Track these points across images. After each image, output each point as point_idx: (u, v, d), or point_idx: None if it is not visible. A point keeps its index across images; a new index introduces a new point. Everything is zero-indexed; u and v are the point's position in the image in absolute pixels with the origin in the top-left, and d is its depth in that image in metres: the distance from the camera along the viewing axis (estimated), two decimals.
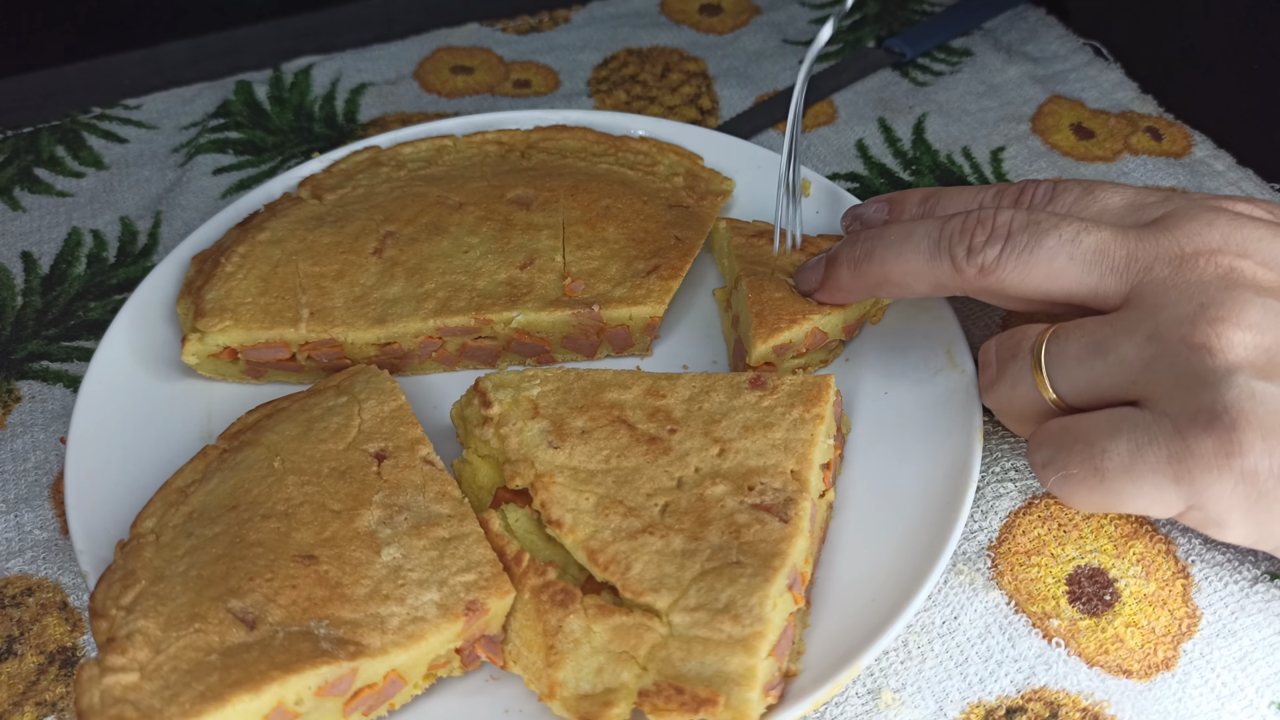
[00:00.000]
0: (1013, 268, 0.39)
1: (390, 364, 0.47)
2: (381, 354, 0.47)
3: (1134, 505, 0.36)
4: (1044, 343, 0.38)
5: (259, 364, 0.47)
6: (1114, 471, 0.35)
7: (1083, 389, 0.37)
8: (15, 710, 0.39)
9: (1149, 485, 0.35)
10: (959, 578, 0.42)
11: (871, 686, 0.39)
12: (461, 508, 0.39)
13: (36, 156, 0.63)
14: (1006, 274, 0.39)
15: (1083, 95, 0.66)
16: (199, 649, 0.34)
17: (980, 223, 0.40)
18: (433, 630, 0.35)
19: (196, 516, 0.39)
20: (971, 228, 0.41)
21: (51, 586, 0.43)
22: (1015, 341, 0.40)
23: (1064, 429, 0.37)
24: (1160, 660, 0.39)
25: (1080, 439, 0.36)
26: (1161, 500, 0.35)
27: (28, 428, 0.49)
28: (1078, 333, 0.38)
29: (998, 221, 0.40)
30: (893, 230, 0.43)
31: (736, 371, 0.46)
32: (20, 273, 0.56)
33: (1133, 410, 0.36)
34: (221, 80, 0.69)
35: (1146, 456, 0.35)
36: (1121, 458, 0.35)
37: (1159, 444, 0.34)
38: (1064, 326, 0.38)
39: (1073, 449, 0.36)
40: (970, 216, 0.41)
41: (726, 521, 0.37)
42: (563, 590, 0.36)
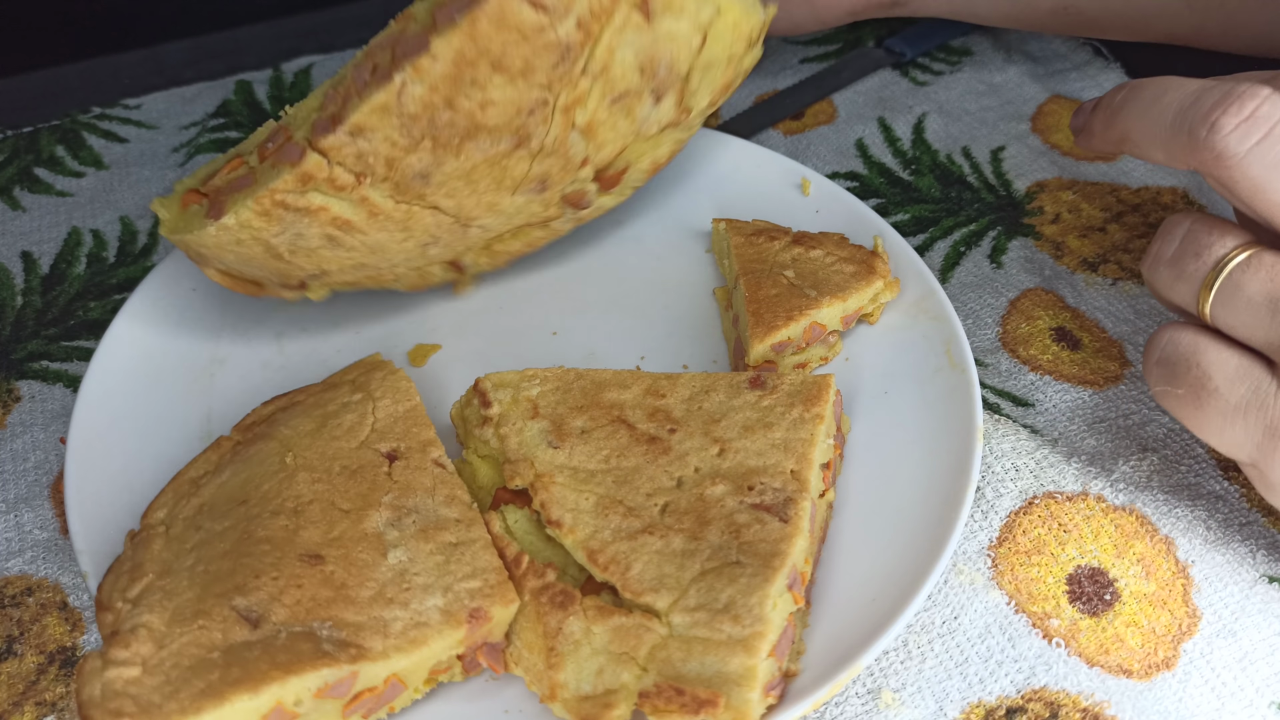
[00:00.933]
0: (1254, 168, 0.34)
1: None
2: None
3: (1207, 438, 0.37)
4: (1230, 263, 0.36)
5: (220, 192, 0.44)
6: (1212, 412, 0.36)
7: (1236, 326, 0.36)
8: (15, 710, 0.39)
9: (1232, 434, 0.36)
10: (959, 578, 0.42)
11: (871, 686, 0.39)
12: (470, 512, 0.39)
13: (36, 156, 0.63)
14: (1242, 173, 0.34)
15: (1083, 95, 0.66)
16: (202, 646, 0.34)
17: (1239, 102, 0.34)
18: (435, 636, 0.35)
19: (207, 509, 0.39)
20: (1225, 105, 0.35)
21: (51, 586, 0.43)
22: (1207, 240, 0.37)
23: (1192, 348, 0.37)
24: (1160, 660, 0.39)
25: (1201, 368, 0.37)
26: (1232, 449, 0.37)
27: (28, 427, 0.49)
28: (1269, 274, 0.35)
29: (1260, 111, 0.34)
30: (1152, 85, 0.38)
31: (736, 371, 0.46)
32: (20, 272, 0.56)
33: (1263, 371, 0.36)
34: (222, 80, 0.69)
35: (1249, 415, 0.35)
36: (1226, 405, 0.36)
37: (1265, 412, 0.35)
38: (1261, 256, 0.36)
39: (1189, 372, 0.37)
40: (1231, 93, 0.35)
41: (726, 521, 0.37)
42: (562, 592, 0.36)
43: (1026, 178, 0.60)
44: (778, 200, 0.55)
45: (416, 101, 0.39)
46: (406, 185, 0.41)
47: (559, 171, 0.44)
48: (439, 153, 0.41)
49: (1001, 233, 0.57)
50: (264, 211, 0.41)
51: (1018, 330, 0.51)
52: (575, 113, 0.42)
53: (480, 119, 0.40)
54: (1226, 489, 0.44)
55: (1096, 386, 0.49)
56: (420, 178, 0.41)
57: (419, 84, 0.39)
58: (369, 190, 0.41)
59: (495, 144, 0.41)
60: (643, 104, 0.44)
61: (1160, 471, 0.45)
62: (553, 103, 0.41)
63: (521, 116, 0.41)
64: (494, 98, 0.40)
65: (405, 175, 0.41)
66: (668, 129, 0.46)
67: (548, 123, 0.42)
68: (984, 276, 0.54)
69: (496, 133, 0.41)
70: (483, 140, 0.41)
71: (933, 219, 0.58)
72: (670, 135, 0.47)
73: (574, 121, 0.42)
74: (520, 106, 0.40)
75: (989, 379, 0.49)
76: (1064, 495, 0.44)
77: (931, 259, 0.56)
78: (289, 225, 0.41)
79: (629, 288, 0.52)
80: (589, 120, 0.43)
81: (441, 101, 0.39)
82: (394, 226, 0.43)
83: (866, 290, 0.47)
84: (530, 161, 0.43)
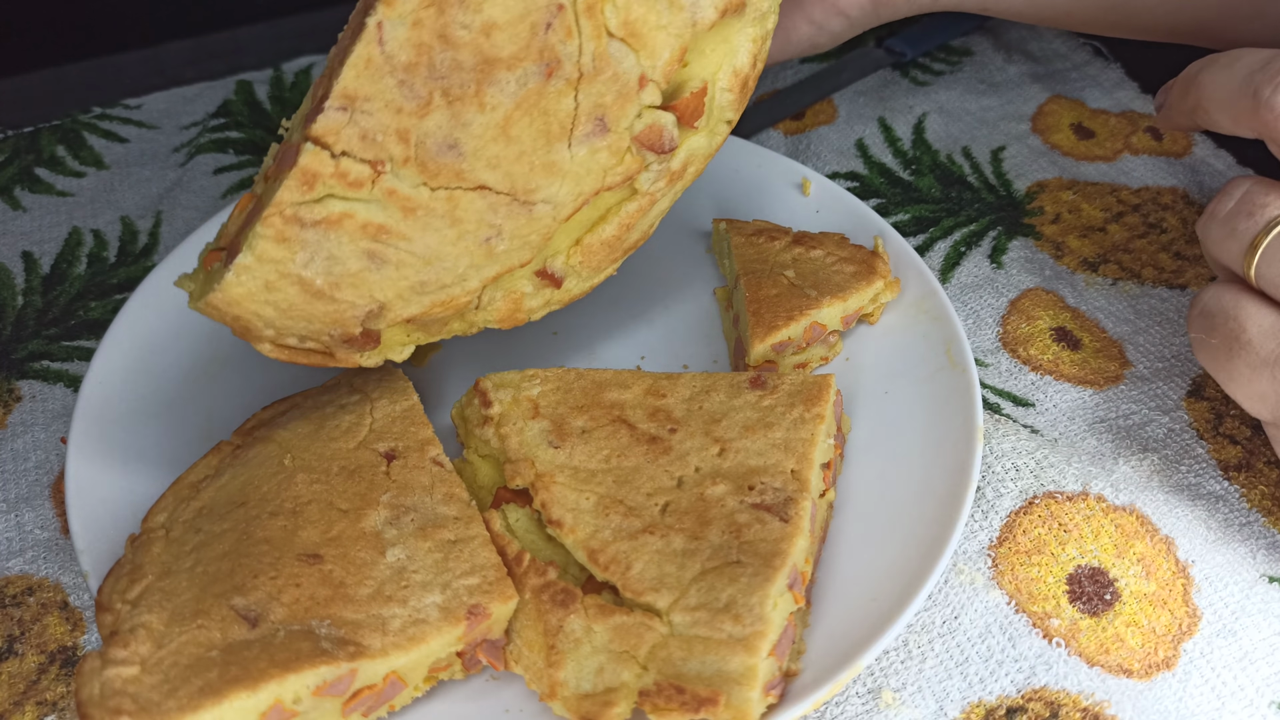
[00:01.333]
0: None
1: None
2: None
3: (1234, 391, 0.39)
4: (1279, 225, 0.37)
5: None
6: (1241, 364, 0.38)
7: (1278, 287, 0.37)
8: (16, 710, 0.39)
9: (1258, 386, 0.37)
10: (959, 577, 0.42)
11: (872, 686, 0.39)
12: (468, 510, 0.39)
13: (37, 156, 0.64)
14: None
15: (1083, 95, 0.66)
16: (200, 645, 0.34)
17: None
18: (434, 633, 0.35)
19: (206, 512, 0.39)
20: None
21: (52, 586, 0.43)
22: (1262, 201, 0.38)
23: (1233, 303, 0.38)
24: (1161, 660, 0.39)
25: (1238, 321, 0.38)
26: (1256, 404, 0.38)
27: (28, 427, 0.49)
28: None
29: None
30: (1227, 54, 0.40)
31: (737, 371, 0.46)
32: (21, 272, 0.57)
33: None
34: (222, 80, 0.69)
35: (1276, 371, 0.37)
36: (1255, 358, 0.37)
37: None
38: None
39: (1226, 324, 0.38)
40: None
41: (727, 521, 0.37)
42: (563, 590, 0.36)
43: (1026, 178, 0.60)
44: (778, 200, 0.55)
45: (403, 45, 0.32)
46: (435, 163, 0.34)
47: (615, 100, 0.36)
48: (458, 108, 0.34)
49: (1002, 233, 0.57)
50: (279, 235, 0.34)
51: (1018, 330, 0.51)
52: (604, 11, 0.35)
53: (489, 49, 0.33)
54: (1226, 489, 0.44)
55: (1096, 386, 0.49)
56: (448, 148, 0.34)
57: (398, 23, 0.32)
58: (392, 180, 0.34)
59: (521, 79, 0.34)
60: None
61: (1160, 471, 0.45)
62: (570, 3, 0.34)
63: (538, 34, 0.33)
64: (494, 16, 0.33)
65: (429, 149, 0.34)
66: (729, 16, 0.37)
67: (574, 34, 0.34)
68: (984, 276, 0.54)
69: (516, 62, 0.34)
70: (503, 77, 0.34)
71: (933, 219, 0.58)
72: (738, 30, 0.38)
73: (607, 25, 0.35)
74: (531, 20, 0.33)
75: (989, 379, 0.49)
76: (1064, 495, 0.44)
77: (932, 259, 0.56)
78: (315, 247, 0.34)
79: (629, 288, 0.52)
80: (624, 18, 0.35)
81: (433, 37, 0.33)
82: (439, 221, 0.35)
83: (867, 290, 0.47)
84: (573, 93, 0.35)
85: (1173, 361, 0.50)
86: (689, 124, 0.38)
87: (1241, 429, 0.47)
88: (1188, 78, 0.42)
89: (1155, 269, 0.54)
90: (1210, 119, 0.41)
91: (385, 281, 0.36)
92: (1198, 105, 0.41)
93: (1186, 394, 0.48)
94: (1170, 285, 0.53)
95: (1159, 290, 0.53)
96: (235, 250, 0.35)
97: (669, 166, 0.38)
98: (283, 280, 0.35)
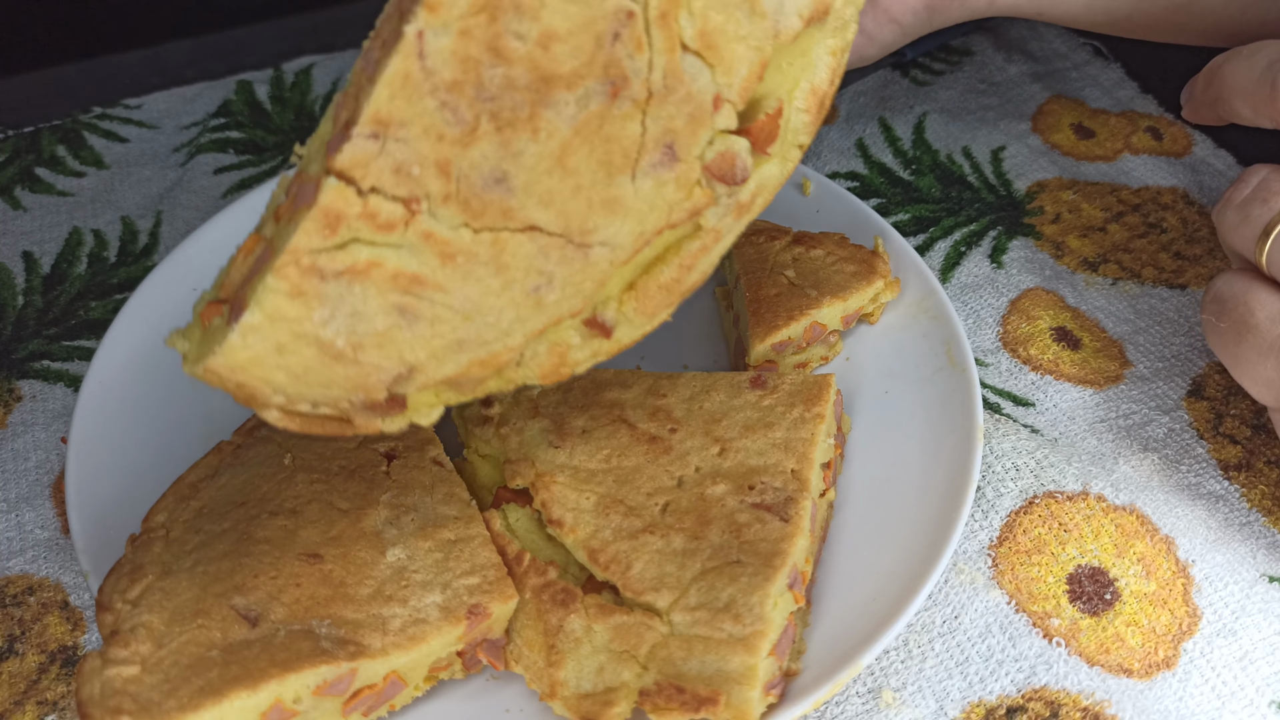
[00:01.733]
0: None
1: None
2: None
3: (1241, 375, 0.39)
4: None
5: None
6: (1248, 347, 0.38)
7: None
8: (16, 709, 0.39)
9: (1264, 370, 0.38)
10: (959, 577, 0.42)
11: (872, 686, 0.39)
12: (469, 510, 0.39)
13: (37, 156, 0.64)
14: None
15: (1083, 94, 0.66)
16: (201, 644, 0.34)
17: None
18: (434, 633, 0.35)
19: (206, 512, 0.39)
20: None
21: (52, 586, 0.43)
22: (1277, 188, 0.39)
23: (1244, 289, 0.39)
24: (1161, 660, 0.39)
25: (1247, 306, 0.38)
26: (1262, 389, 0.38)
27: (28, 427, 0.49)
28: None
29: None
30: (1251, 45, 0.41)
31: (737, 371, 0.46)
32: (21, 272, 0.57)
33: None
34: (222, 80, 0.69)
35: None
36: (1262, 342, 0.37)
37: None
38: None
39: (1235, 309, 0.39)
40: None
41: (727, 521, 0.37)
42: (563, 590, 0.36)
43: (1027, 177, 0.60)
44: (778, 200, 0.55)
45: (447, 58, 0.27)
46: (480, 199, 0.29)
47: (686, 124, 0.31)
48: (508, 134, 0.28)
49: (1002, 233, 0.57)
50: (294, 289, 0.28)
51: (1018, 330, 0.51)
52: (679, 19, 0.30)
53: (546, 64, 0.28)
54: (1226, 489, 0.44)
55: (1096, 386, 0.49)
56: (495, 182, 0.29)
57: (442, 32, 0.27)
58: (429, 221, 0.29)
59: (582, 100, 0.29)
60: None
61: (1160, 471, 0.45)
62: (641, 10, 0.29)
63: (604, 46, 0.29)
64: (554, 24, 0.28)
65: (473, 184, 0.29)
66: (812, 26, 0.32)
67: (644, 45, 0.29)
68: (984, 276, 0.54)
69: (577, 80, 0.29)
70: (562, 98, 0.29)
71: (933, 219, 0.58)
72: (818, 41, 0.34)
73: (681, 37, 0.30)
74: (596, 30, 0.28)
75: (989, 379, 0.49)
76: (1064, 495, 0.44)
77: (932, 259, 0.56)
78: (336, 303, 0.29)
79: None
80: (701, 27, 0.30)
81: (483, 49, 0.28)
82: (483, 269, 0.30)
83: (867, 290, 0.47)
84: (641, 116, 0.30)
85: (1173, 361, 0.50)
86: (761, 150, 0.33)
87: (1241, 429, 0.47)
88: (1211, 69, 0.42)
89: (1155, 269, 0.54)
90: (1232, 110, 0.41)
91: (417, 340, 0.30)
92: (1219, 96, 0.42)
93: (1186, 394, 0.48)
94: (1170, 285, 0.53)
95: (1159, 290, 0.53)
96: (240, 305, 0.29)
97: (738, 199, 0.33)
98: (297, 341, 0.29)
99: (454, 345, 0.31)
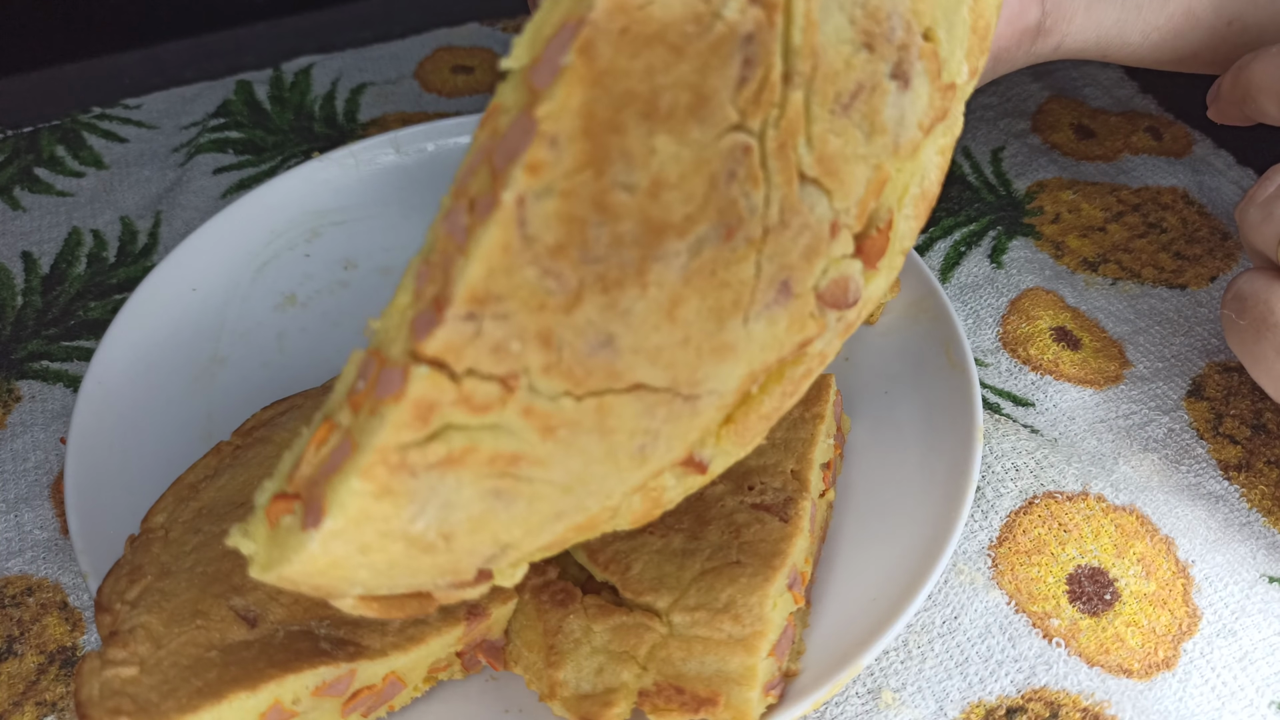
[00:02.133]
0: None
1: None
2: None
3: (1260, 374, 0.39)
4: None
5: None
6: (1267, 345, 0.38)
7: None
8: (15, 710, 0.39)
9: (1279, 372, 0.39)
10: (959, 578, 0.42)
11: (871, 686, 0.39)
12: None
13: (36, 156, 0.64)
14: None
15: (1083, 94, 0.66)
16: (200, 645, 0.34)
17: None
18: (433, 633, 0.35)
19: (206, 513, 0.39)
20: None
21: (52, 586, 0.43)
22: None
23: (1265, 288, 0.39)
24: (1161, 660, 0.39)
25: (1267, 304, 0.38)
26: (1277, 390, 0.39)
27: (28, 427, 0.49)
28: None
29: None
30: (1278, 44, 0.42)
31: None
32: (20, 272, 0.56)
33: None
34: (222, 80, 0.69)
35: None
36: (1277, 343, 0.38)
37: None
38: None
39: (1255, 307, 0.39)
40: None
41: (726, 521, 0.37)
42: (563, 590, 0.36)
43: (1027, 177, 0.60)
44: None
45: (549, 222, 0.24)
46: (584, 365, 0.25)
47: (802, 257, 0.27)
48: (614, 295, 0.25)
49: (1002, 232, 0.57)
50: (382, 489, 0.25)
51: (1018, 330, 0.51)
52: (797, 148, 0.26)
53: (657, 213, 0.25)
54: (1226, 489, 0.44)
55: (1096, 386, 0.49)
56: (602, 346, 0.25)
57: (545, 194, 0.24)
58: (528, 396, 0.25)
59: (695, 247, 0.25)
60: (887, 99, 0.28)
61: (1160, 471, 0.45)
62: (759, 146, 0.26)
63: (718, 186, 0.25)
64: (665, 170, 0.25)
65: (578, 352, 0.25)
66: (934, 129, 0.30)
67: (760, 181, 0.26)
68: (984, 276, 0.54)
69: (689, 226, 0.25)
70: (673, 248, 0.25)
71: (933, 219, 0.58)
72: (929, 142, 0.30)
73: (799, 166, 0.27)
74: (711, 170, 0.25)
75: (989, 379, 0.49)
76: (1064, 495, 0.44)
77: (932, 259, 0.56)
78: (427, 497, 0.26)
79: None
80: (820, 153, 0.27)
81: (589, 207, 0.24)
82: (586, 438, 0.26)
83: None
84: (756, 256, 0.26)
85: (1173, 361, 0.50)
86: (871, 265, 0.30)
87: (1241, 429, 0.47)
88: (1239, 68, 0.42)
89: (1155, 269, 0.54)
90: (1258, 108, 0.42)
91: (514, 521, 0.27)
92: (1247, 95, 0.42)
93: (1186, 394, 0.48)
94: (1170, 285, 0.53)
95: (1159, 290, 0.53)
96: (317, 508, 0.26)
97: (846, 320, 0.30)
98: (384, 540, 0.26)
99: (552, 517, 0.28)
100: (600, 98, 0.24)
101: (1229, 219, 0.57)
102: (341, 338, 0.50)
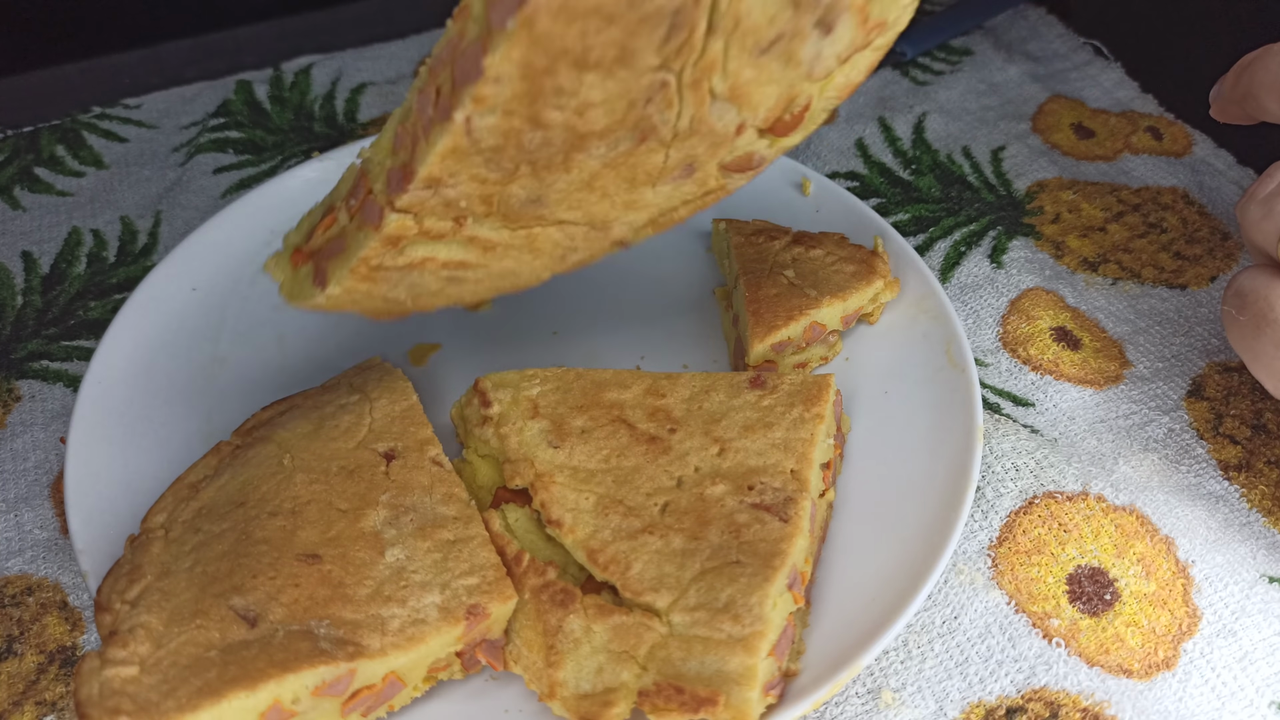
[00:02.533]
0: None
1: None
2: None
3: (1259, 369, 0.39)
4: None
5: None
6: (1267, 341, 0.39)
7: None
8: (15, 710, 0.39)
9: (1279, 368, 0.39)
10: (959, 578, 0.42)
11: (871, 686, 0.39)
12: (468, 510, 0.39)
13: (37, 156, 0.63)
14: None
15: (1083, 94, 0.66)
16: (199, 645, 0.34)
17: None
18: (433, 633, 0.35)
19: (205, 512, 0.39)
20: None
21: (51, 586, 0.43)
22: None
23: (1266, 285, 0.39)
24: (1161, 660, 0.39)
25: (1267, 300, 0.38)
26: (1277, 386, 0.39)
27: (28, 427, 0.49)
28: None
29: None
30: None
31: (736, 371, 0.46)
32: (20, 272, 0.56)
33: None
34: (222, 80, 0.69)
35: None
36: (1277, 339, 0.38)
37: None
38: None
39: (1256, 303, 0.39)
40: None
41: (726, 521, 0.37)
42: (563, 590, 0.36)
43: (1027, 177, 0.60)
44: (778, 200, 0.55)
45: (492, 132, 0.31)
46: (516, 213, 0.34)
47: (707, 150, 0.34)
48: (544, 174, 0.33)
49: (1002, 233, 0.57)
50: (366, 277, 0.35)
51: (1018, 330, 0.51)
52: (711, 82, 0.32)
53: (582, 126, 0.31)
54: (1226, 489, 0.44)
55: (1096, 386, 0.49)
56: (531, 203, 0.34)
57: (488, 114, 0.30)
58: (474, 229, 0.35)
59: (612, 147, 0.33)
60: (806, 43, 0.32)
61: (1160, 471, 0.45)
62: (676, 81, 0.31)
63: (637, 108, 0.31)
64: (592, 98, 0.31)
65: (511, 205, 0.34)
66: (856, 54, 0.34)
67: (674, 105, 0.32)
68: (984, 276, 0.54)
69: (609, 135, 0.32)
70: (594, 147, 0.32)
71: (933, 219, 0.58)
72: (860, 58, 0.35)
73: (712, 91, 0.32)
74: (631, 98, 0.31)
75: (989, 379, 0.49)
76: (1064, 495, 0.44)
77: (931, 259, 0.56)
78: (399, 281, 0.36)
79: (629, 287, 0.52)
80: (732, 84, 0.32)
81: (524, 123, 0.31)
82: (518, 252, 0.36)
83: (866, 290, 0.47)
84: (665, 151, 0.34)
85: (1173, 361, 0.50)
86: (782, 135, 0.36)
87: (1241, 429, 0.47)
88: (1241, 65, 0.42)
89: (1155, 269, 0.54)
90: (1261, 106, 0.42)
91: (464, 292, 0.38)
92: (1249, 92, 0.42)
93: (1186, 394, 0.48)
94: (1170, 285, 0.53)
95: (1159, 290, 0.53)
96: (322, 273, 0.37)
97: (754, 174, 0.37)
98: (369, 299, 0.37)
99: (490, 289, 0.38)
100: (536, 53, 0.29)
101: (1229, 219, 0.57)
102: (341, 337, 0.50)
